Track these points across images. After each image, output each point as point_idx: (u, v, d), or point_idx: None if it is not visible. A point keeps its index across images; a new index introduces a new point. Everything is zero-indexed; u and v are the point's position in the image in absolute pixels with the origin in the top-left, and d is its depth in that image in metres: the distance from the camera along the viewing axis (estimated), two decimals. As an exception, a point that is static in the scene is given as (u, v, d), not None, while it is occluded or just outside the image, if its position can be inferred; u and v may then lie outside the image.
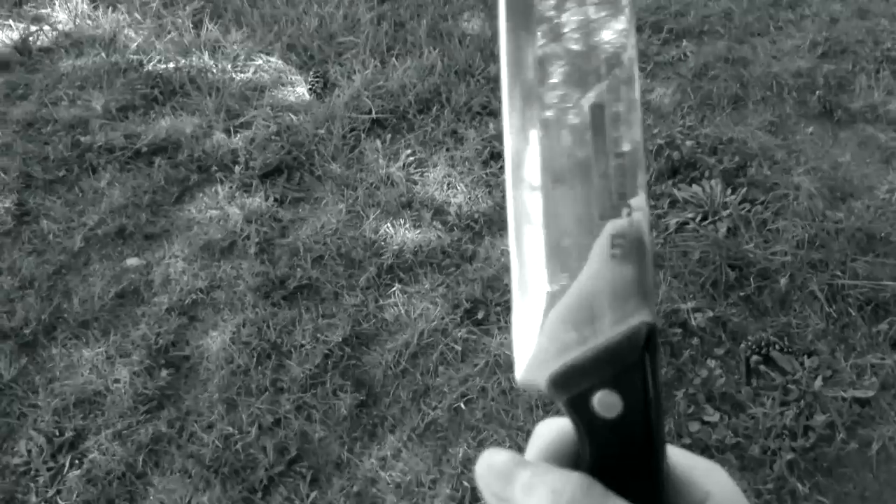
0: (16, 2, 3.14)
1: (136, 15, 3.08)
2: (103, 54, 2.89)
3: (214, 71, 2.87)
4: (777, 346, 1.93)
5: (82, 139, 2.54)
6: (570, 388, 0.34)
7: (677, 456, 0.37)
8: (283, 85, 2.91)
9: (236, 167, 2.50)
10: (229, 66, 2.90)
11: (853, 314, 2.02)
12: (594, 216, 0.35)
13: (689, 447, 1.48)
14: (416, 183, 2.49)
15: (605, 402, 0.34)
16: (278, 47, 3.03)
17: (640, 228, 0.35)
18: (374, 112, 2.73)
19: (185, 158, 2.53)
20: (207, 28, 3.03)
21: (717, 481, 0.37)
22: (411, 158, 2.57)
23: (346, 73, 2.93)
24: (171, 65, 2.86)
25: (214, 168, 2.51)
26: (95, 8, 3.12)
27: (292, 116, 2.72)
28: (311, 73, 2.93)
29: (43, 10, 3.09)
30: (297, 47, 3.05)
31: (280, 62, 2.98)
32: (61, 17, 3.06)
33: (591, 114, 0.35)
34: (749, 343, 1.95)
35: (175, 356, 2.00)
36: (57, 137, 2.55)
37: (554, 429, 0.38)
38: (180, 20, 3.05)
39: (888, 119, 2.62)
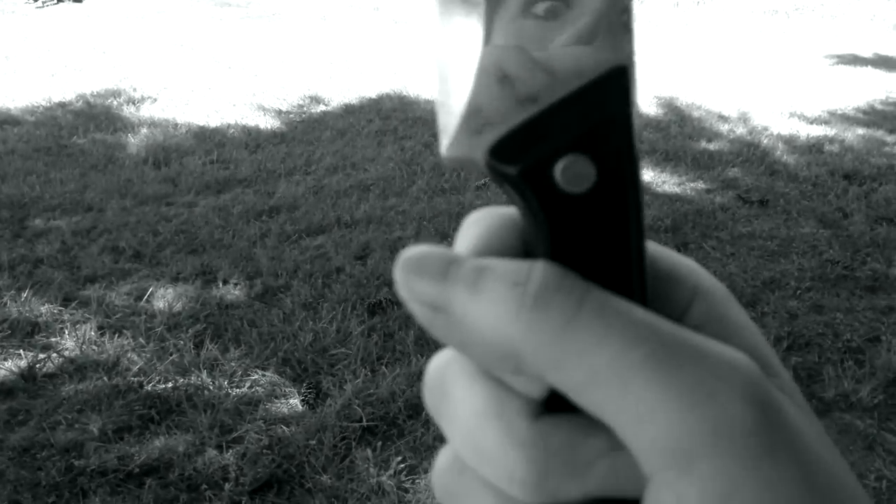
0: (28, 332, 3.34)
1: (141, 339, 3.28)
2: (105, 378, 3.02)
3: (211, 388, 2.99)
4: None
5: (76, 463, 2.56)
6: (520, 158, 0.25)
7: (654, 248, 0.29)
8: (276, 398, 3.01)
9: (226, 484, 2.50)
10: (226, 383, 3.02)
11: None
12: None
13: None
14: (407, 491, 2.48)
15: (573, 171, 0.25)
16: (274, 362, 3.18)
17: None
18: (364, 420, 2.80)
19: (176, 478, 2.53)
20: (207, 348, 3.21)
21: (704, 276, 0.29)
22: (402, 465, 2.59)
23: (338, 382, 3.05)
24: (170, 384, 2.98)
25: (204, 486, 2.50)
26: (102, 334, 3.32)
27: (284, 428, 2.78)
28: (305, 384, 3.05)
29: (53, 339, 3.29)
30: (292, 361, 3.21)
31: (275, 376, 3.11)
32: (69, 344, 3.25)
33: None
34: None
35: None
36: (51, 462, 2.57)
37: (492, 218, 0.28)
38: (182, 342, 3.24)
39: (862, 406, 2.71)
